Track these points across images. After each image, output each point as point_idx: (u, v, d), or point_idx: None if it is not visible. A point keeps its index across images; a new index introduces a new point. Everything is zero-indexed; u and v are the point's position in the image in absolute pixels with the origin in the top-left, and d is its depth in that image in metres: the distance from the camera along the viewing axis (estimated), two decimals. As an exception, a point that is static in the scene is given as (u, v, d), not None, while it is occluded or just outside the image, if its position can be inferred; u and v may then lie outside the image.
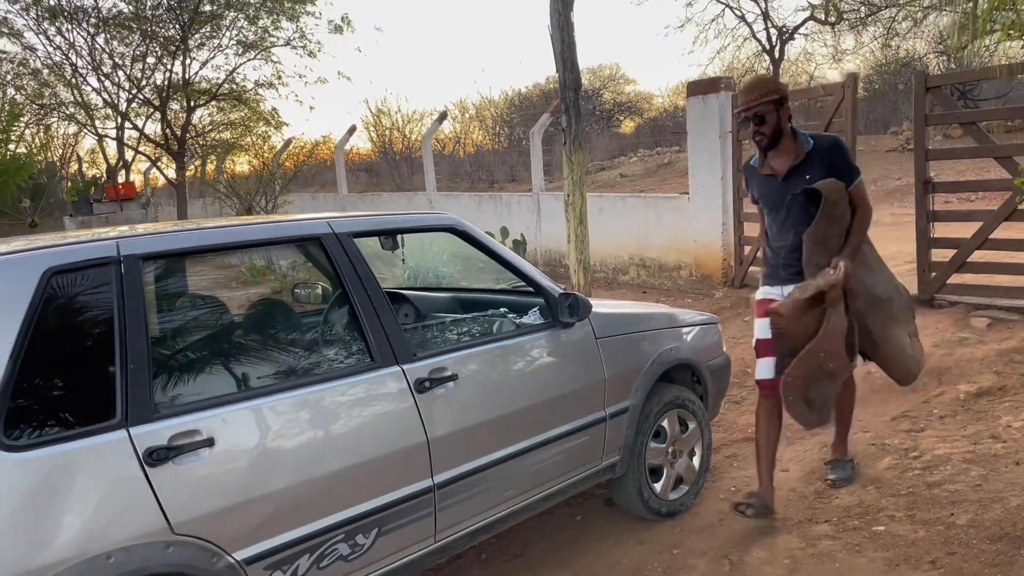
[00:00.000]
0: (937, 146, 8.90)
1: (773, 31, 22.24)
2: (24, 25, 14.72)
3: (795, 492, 3.80)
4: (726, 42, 29.41)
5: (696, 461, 3.86)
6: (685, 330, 3.90)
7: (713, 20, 23.76)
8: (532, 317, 3.41)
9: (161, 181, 19.03)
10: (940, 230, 6.20)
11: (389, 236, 3.58)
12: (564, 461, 3.22)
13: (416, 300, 4.19)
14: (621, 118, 30.62)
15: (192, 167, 18.27)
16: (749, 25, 22.28)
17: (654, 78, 57.76)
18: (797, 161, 3.38)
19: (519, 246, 9.44)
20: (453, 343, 3.12)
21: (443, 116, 13.92)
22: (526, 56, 52.97)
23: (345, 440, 2.49)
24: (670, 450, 3.71)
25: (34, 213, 16.11)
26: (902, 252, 6.99)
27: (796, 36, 22.50)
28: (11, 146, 14.21)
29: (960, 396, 4.61)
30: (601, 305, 3.59)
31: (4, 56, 15.47)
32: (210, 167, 18.60)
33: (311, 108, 39.02)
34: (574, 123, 6.46)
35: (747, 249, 8.16)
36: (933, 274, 6.14)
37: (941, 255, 6.12)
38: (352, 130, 15.83)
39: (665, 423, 3.67)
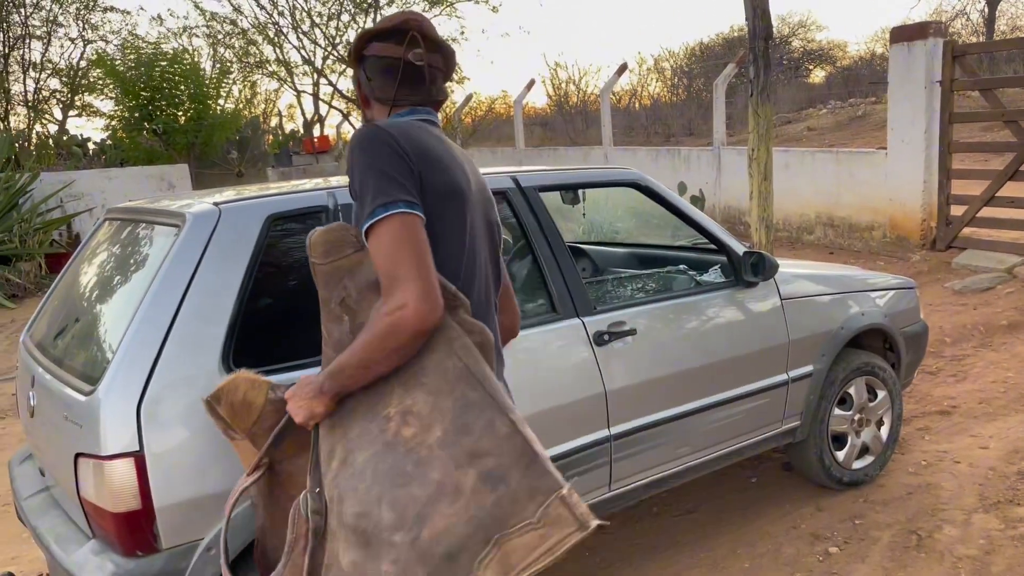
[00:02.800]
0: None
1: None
2: (234, -12, 15.86)
3: (995, 471, 3.54)
4: (935, -18, 26.87)
5: (884, 431, 3.68)
6: (878, 294, 3.69)
7: (921, -42, 21.69)
8: (713, 275, 3.35)
9: (348, 135, 20.07)
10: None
11: (571, 190, 3.63)
12: (741, 422, 3.17)
13: (594, 254, 4.22)
14: (811, 67, 28.83)
15: (379, 121, 19.12)
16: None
17: (849, 25, 53.83)
18: None
19: (697, 202, 9.22)
20: (632, 298, 3.14)
21: (623, 68, 13.69)
22: (711, 3, 50.79)
23: (528, 388, 2.58)
24: (856, 418, 3.56)
25: (240, 164, 17.50)
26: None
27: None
28: (220, 101, 15.46)
29: None
30: (787, 265, 3.46)
31: (216, 17, 16.78)
32: (396, 121, 19.38)
33: (491, 63, 39.55)
34: (762, 74, 6.18)
35: (956, 210, 7.58)
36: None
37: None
38: (531, 84, 15.93)
39: (852, 390, 3.52)
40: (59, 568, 2.12)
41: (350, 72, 16.26)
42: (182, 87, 14.09)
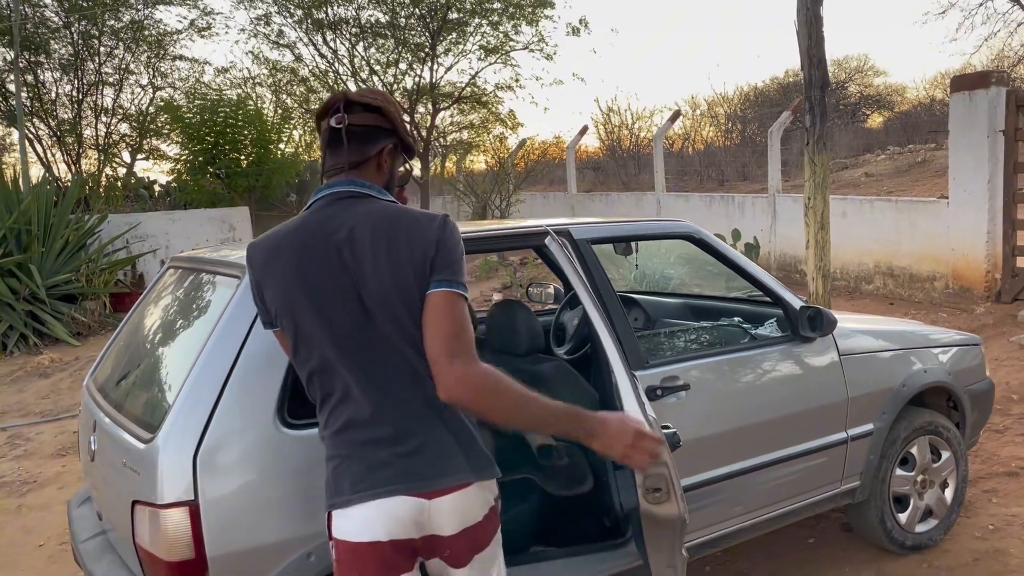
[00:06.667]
0: None
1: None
2: (296, 38, 16.40)
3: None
4: (995, 28, 26.46)
5: (948, 493, 3.54)
6: (941, 350, 3.58)
7: (980, 4, 21.41)
8: (769, 329, 3.30)
9: (406, 179, 20.38)
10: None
11: (624, 242, 3.63)
12: (799, 481, 3.08)
13: (646, 304, 4.19)
14: (868, 112, 28.48)
15: (434, 166, 19.44)
16: (1026, 8, 19.86)
17: (907, 69, 53.19)
18: None
19: (752, 250, 9.10)
20: (685, 351, 3.10)
21: (676, 115, 13.73)
22: (764, 50, 50.80)
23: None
24: (919, 479, 3.43)
25: (298, 206, 17.92)
26: None
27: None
28: (281, 146, 15.89)
29: None
30: (846, 319, 3.39)
31: (277, 66, 17.33)
32: (449, 166, 19.68)
33: (545, 109, 40.00)
34: (819, 123, 6.13)
35: (1022, 261, 7.36)
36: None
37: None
38: (584, 131, 16.05)
39: (914, 450, 3.40)
40: (113, 614, 2.15)
41: (406, 118, 16.65)
42: (245, 132, 14.53)
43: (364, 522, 1.64)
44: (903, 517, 3.39)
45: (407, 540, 1.66)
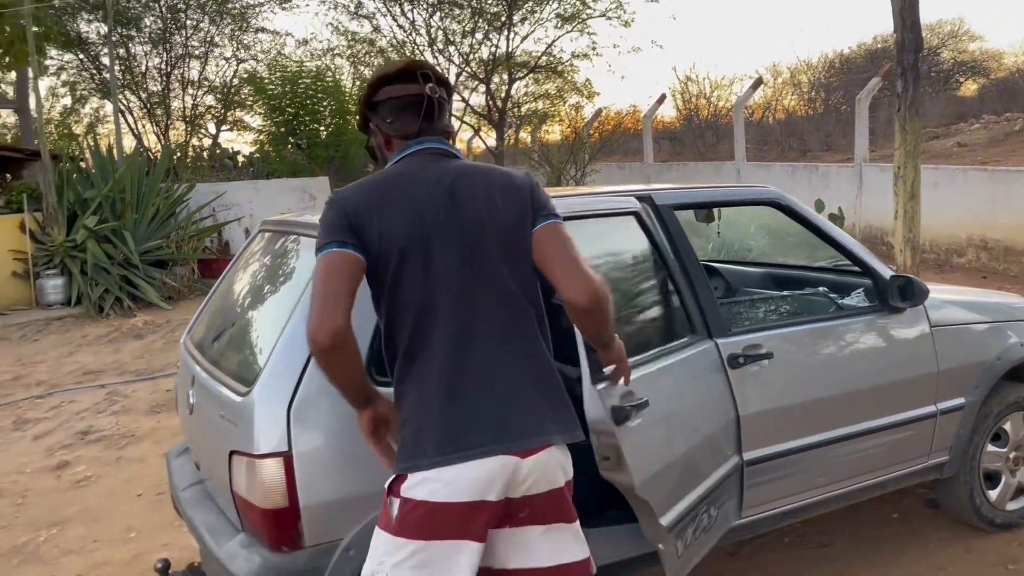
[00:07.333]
0: None
1: None
2: (375, 9, 16.55)
3: None
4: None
5: (1043, 472, 3.41)
6: (1040, 324, 3.43)
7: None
8: (856, 299, 3.22)
9: (478, 149, 20.47)
10: None
11: (706, 209, 3.57)
12: (884, 454, 3.02)
13: (727, 273, 4.13)
14: (961, 79, 27.15)
15: (508, 136, 19.43)
16: None
17: (1005, 33, 50.38)
18: None
19: (836, 220, 8.84)
20: (768, 320, 3.06)
21: (758, 83, 13.38)
22: (851, 15, 48.80)
23: (657, 408, 2.54)
24: (1012, 456, 3.32)
25: (375, 177, 18.07)
26: None
27: None
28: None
29: None
30: (937, 290, 3.28)
31: (356, 37, 17.53)
32: (524, 136, 19.64)
33: (622, 77, 39.36)
34: (911, 88, 5.89)
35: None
36: None
37: None
38: (662, 99, 15.80)
39: (1007, 426, 3.29)
40: (211, 558, 2.27)
41: (482, 89, 16.67)
42: (324, 104, 14.80)
43: (449, 483, 1.63)
44: (993, 494, 3.29)
45: (493, 502, 1.66)
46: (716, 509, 2.54)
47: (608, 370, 2.06)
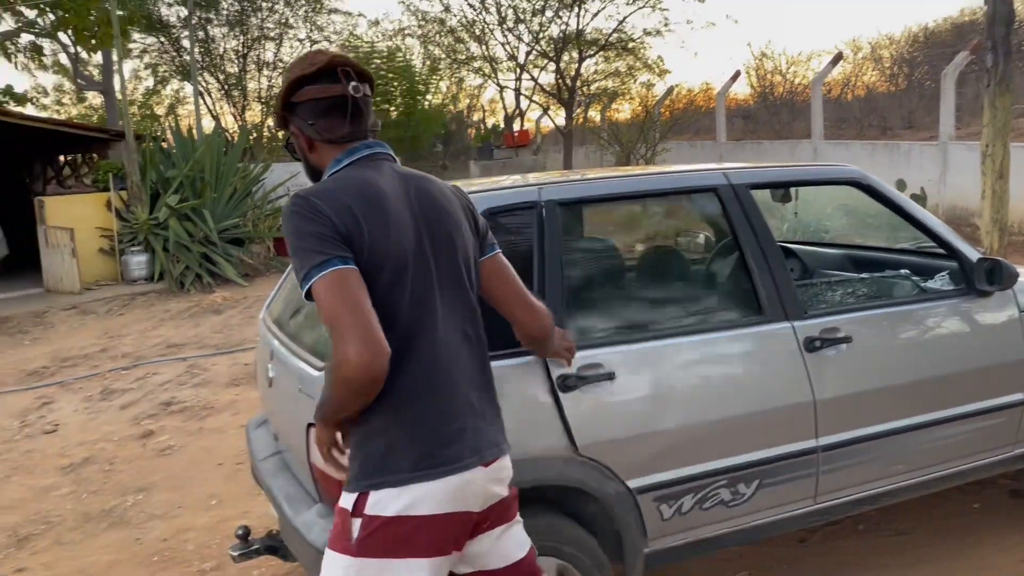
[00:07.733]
0: None
1: None
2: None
3: None
4: None
5: None
6: None
7: None
8: (940, 282, 3.11)
9: (546, 128, 20.39)
10: None
11: (783, 188, 3.50)
12: (967, 442, 2.92)
13: (803, 255, 4.03)
14: (1057, 53, 25.77)
15: (577, 115, 19.30)
16: None
17: (1108, 1, 47.46)
18: None
19: (918, 200, 8.49)
20: (847, 303, 2.98)
21: (838, 58, 12.95)
22: (938, -15, 46.63)
23: (731, 390, 2.52)
24: (1104, 448, 3.17)
25: (445, 156, 18.28)
26: None
27: None
28: (428, 97, 16.24)
29: None
30: (1028, 273, 3.14)
31: (427, 16, 17.61)
32: (593, 115, 19.47)
33: (695, 54, 38.56)
34: (1002, 62, 5.64)
35: None
36: None
37: None
38: (736, 76, 15.44)
39: (1100, 416, 3.14)
40: (289, 526, 2.34)
41: (551, 67, 16.57)
42: (395, 84, 14.94)
43: (425, 498, 1.59)
44: (1084, 487, 3.16)
45: (476, 512, 1.67)
46: (745, 487, 2.52)
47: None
